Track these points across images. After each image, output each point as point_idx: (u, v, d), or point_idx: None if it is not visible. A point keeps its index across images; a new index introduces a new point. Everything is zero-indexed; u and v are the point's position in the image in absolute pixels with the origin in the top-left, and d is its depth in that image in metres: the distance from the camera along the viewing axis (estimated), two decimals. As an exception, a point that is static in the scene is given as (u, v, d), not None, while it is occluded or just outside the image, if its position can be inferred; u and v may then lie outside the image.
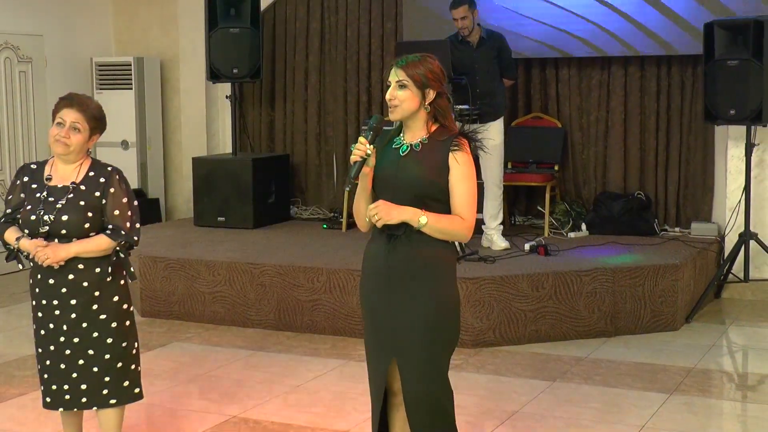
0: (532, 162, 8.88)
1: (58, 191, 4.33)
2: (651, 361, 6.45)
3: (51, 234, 4.27)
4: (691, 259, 7.57)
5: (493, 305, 6.78)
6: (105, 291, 4.38)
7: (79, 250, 4.28)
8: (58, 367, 4.40)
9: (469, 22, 7.76)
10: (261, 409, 5.58)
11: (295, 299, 7.26)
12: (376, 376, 3.90)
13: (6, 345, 7.03)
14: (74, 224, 4.28)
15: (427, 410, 3.82)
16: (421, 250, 3.76)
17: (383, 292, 3.82)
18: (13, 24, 9.49)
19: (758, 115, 7.57)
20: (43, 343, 4.41)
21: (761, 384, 6.19)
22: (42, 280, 4.34)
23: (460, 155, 3.74)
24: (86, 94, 4.54)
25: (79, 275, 4.32)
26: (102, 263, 4.36)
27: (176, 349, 6.85)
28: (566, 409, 5.54)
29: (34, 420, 5.36)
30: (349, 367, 6.38)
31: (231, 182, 9.13)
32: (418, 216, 3.67)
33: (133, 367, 4.51)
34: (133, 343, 4.51)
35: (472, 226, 3.77)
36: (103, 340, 4.38)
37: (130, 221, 4.38)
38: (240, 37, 9.21)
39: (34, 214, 4.28)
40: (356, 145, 3.72)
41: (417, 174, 3.73)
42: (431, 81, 3.76)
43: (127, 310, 4.48)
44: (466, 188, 3.75)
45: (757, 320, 7.54)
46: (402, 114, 3.78)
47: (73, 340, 4.36)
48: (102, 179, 4.37)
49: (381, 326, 3.84)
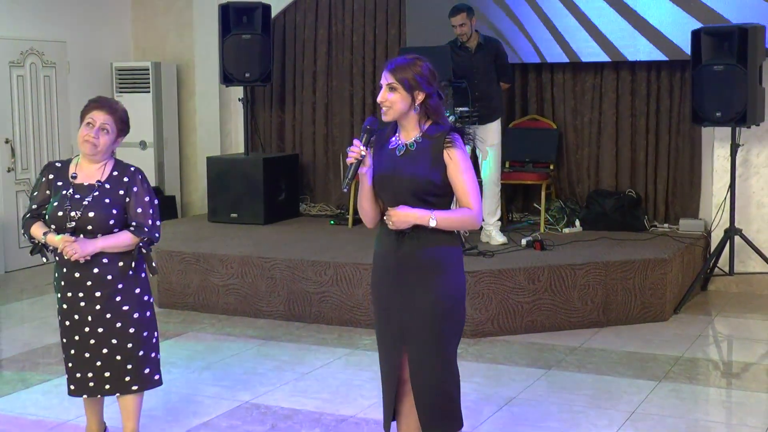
0: (529, 161, 8.87)
1: (84, 189, 4.34)
2: (641, 350, 6.46)
3: (77, 229, 4.29)
4: (679, 253, 7.57)
5: (491, 297, 6.79)
6: (127, 284, 4.40)
7: (104, 245, 4.30)
8: (83, 356, 4.41)
9: (468, 29, 7.76)
10: (271, 396, 5.59)
11: (303, 291, 7.27)
12: (389, 366, 3.90)
13: (31, 334, 7.04)
14: (100, 220, 4.30)
15: (434, 398, 3.83)
16: (428, 245, 3.77)
17: (393, 285, 3.82)
18: (38, 31, 9.50)
19: (743, 117, 7.56)
20: (68, 333, 4.43)
21: (745, 372, 6.19)
22: (68, 274, 4.35)
23: (452, 151, 3.74)
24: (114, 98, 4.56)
25: (103, 269, 4.34)
26: (125, 258, 4.38)
27: (191, 339, 6.87)
28: (560, 396, 5.54)
29: (58, 405, 5.37)
30: (355, 355, 6.39)
31: (243, 180, 9.14)
32: (428, 218, 3.69)
33: (153, 355, 4.53)
34: (153, 332, 4.52)
35: (480, 213, 3.79)
36: (126, 330, 4.40)
37: (151, 218, 4.41)
38: (252, 43, 9.21)
39: (61, 210, 4.29)
40: (350, 147, 3.72)
41: (414, 172, 3.73)
42: (420, 84, 3.77)
43: (148, 302, 4.50)
44: (466, 180, 3.76)
45: (741, 311, 7.53)
46: (393, 116, 3.79)
47: (97, 330, 4.38)
48: (125, 178, 4.39)
49: (392, 318, 3.84)
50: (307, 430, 5.02)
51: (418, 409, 3.85)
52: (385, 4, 9.55)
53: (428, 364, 3.81)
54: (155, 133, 10.22)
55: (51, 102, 9.65)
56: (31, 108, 9.45)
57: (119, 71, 10.28)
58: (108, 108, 4.37)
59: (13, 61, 9.23)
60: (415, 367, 3.82)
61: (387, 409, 3.95)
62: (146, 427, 4.84)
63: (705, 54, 7.67)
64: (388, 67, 3.81)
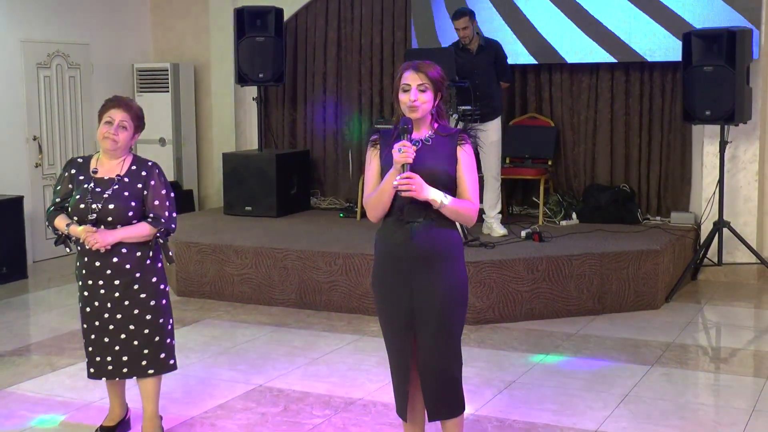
0: (528, 157, 8.86)
1: (104, 182, 4.36)
2: (634, 336, 6.45)
3: (98, 221, 4.31)
4: (670, 245, 7.56)
5: (492, 286, 6.78)
6: (145, 272, 4.41)
7: (123, 236, 4.32)
8: (102, 341, 4.42)
9: (470, 32, 7.75)
10: (284, 379, 5.59)
11: (314, 281, 7.27)
12: (400, 355, 3.87)
13: (57, 321, 7.06)
14: (120, 212, 4.31)
15: (441, 383, 3.83)
16: (438, 237, 3.77)
17: (404, 274, 3.80)
18: (64, 34, 9.50)
19: (731, 115, 7.56)
20: (88, 319, 4.44)
21: (732, 357, 6.18)
22: (89, 263, 4.37)
23: (467, 147, 3.80)
24: (129, 97, 4.57)
25: (122, 258, 4.35)
26: (143, 248, 4.39)
27: (208, 325, 6.87)
28: (558, 380, 5.54)
29: (83, 387, 5.38)
30: (363, 341, 6.39)
31: (257, 175, 9.14)
32: (442, 196, 3.69)
33: (169, 341, 4.54)
34: (168, 319, 4.53)
35: (477, 209, 3.82)
36: (143, 317, 4.41)
37: (168, 210, 4.42)
38: (265, 45, 9.20)
39: (83, 202, 4.31)
40: (403, 148, 3.66)
41: (431, 164, 3.74)
42: (441, 85, 3.79)
43: (164, 290, 4.50)
44: (473, 178, 3.80)
45: (729, 300, 7.52)
46: (422, 113, 3.79)
47: (116, 316, 4.39)
48: (143, 173, 4.41)
49: (399, 306, 3.82)
50: (318, 412, 5.03)
51: (425, 395, 3.84)
52: (392, 9, 9.53)
53: (437, 350, 3.80)
54: (173, 131, 10.23)
55: (76, 101, 9.66)
56: (57, 107, 9.46)
57: (140, 72, 10.28)
58: (125, 106, 4.39)
59: (40, 63, 9.24)
60: (424, 352, 3.81)
61: (401, 396, 3.91)
62: (166, 409, 4.85)
63: (695, 56, 7.66)
64: (415, 68, 3.77)
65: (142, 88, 10.20)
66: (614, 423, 4.83)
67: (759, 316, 7.22)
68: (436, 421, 3.93)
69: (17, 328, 6.92)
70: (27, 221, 8.68)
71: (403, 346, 3.85)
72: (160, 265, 4.49)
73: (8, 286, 8.06)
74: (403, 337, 3.84)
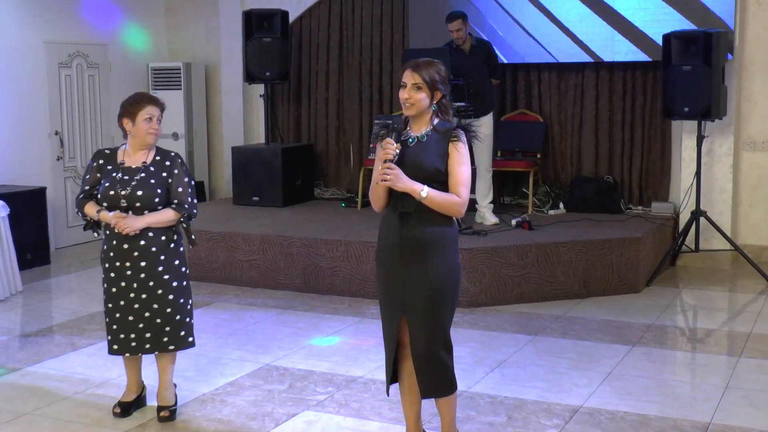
0: (518, 151, 8.84)
1: (131, 171, 4.42)
2: (617, 318, 6.46)
3: (128, 207, 4.37)
4: (651, 233, 7.56)
5: (484, 272, 6.79)
6: (169, 255, 4.45)
7: (151, 221, 4.38)
8: (127, 319, 4.45)
9: (463, 33, 7.74)
10: (289, 358, 5.60)
11: (317, 266, 7.28)
12: (389, 332, 3.89)
13: (78, 303, 7.07)
14: (147, 198, 4.37)
15: (429, 362, 3.82)
16: (430, 226, 3.76)
17: (397, 260, 3.81)
18: (84, 36, 9.48)
19: (707, 111, 7.55)
20: (114, 299, 4.46)
21: (708, 337, 6.19)
22: (117, 246, 4.41)
23: (459, 145, 3.75)
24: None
25: (148, 242, 4.39)
26: (167, 232, 4.45)
27: (218, 308, 6.88)
28: (546, 359, 5.55)
29: (102, 366, 5.39)
30: (364, 323, 6.40)
31: (264, 168, 9.13)
32: (419, 190, 3.67)
33: (188, 320, 4.57)
34: (188, 299, 4.57)
35: (465, 203, 3.77)
36: (166, 297, 4.44)
37: (190, 197, 4.49)
38: (272, 45, 9.18)
39: (113, 190, 4.37)
40: (385, 145, 3.67)
41: (423, 161, 3.73)
42: (439, 84, 3.76)
43: (185, 272, 4.54)
44: (463, 172, 3.75)
45: (705, 284, 7.52)
46: (416, 111, 3.77)
47: (141, 296, 4.42)
48: (167, 162, 4.47)
49: (394, 289, 3.83)
50: (321, 389, 5.04)
51: (417, 374, 3.84)
52: (390, 11, 9.50)
53: (424, 333, 3.80)
54: (186, 126, 10.21)
55: (94, 98, 9.64)
56: (78, 103, 9.44)
57: (154, 71, 10.26)
58: (158, 102, 4.49)
59: (61, 63, 9.22)
60: (413, 335, 3.82)
61: (388, 371, 3.94)
62: (179, 386, 4.86)
63: (674, 56, 7.65)
64: (412, 68, 3.75)
65: (156, 86, 10.18)
66: (598, 399, 4.84)
67: (732, 299, 7.23)
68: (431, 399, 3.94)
69: (41, 310, 6.93)
70: (50, 211, 8.68)
71: (392, 326, 3.87)
72: (182, 249, 4.56)
73: (32, 271, 8.06)
74: (393, 317, 3.85)
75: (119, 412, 4.62)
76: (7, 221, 7.19)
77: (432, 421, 4.32)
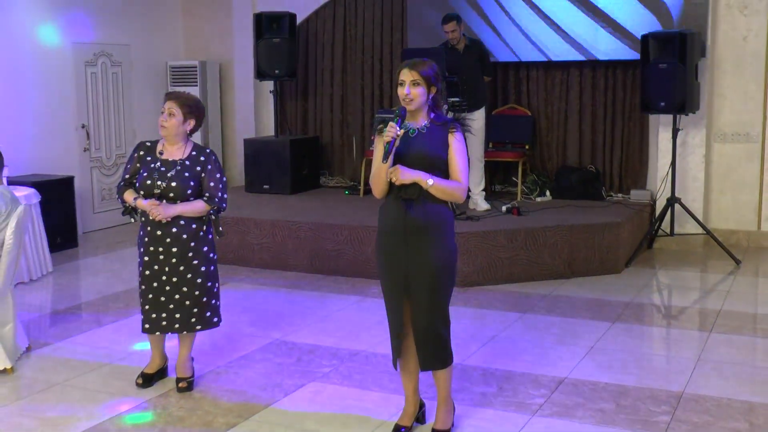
0: (508, 142, 8.83)
1: (169, 164, 4.41)
2: (599, 296, 6.46)
3: (162, 196, 4.36)
4: (630, 218, 7.56)
5: (477, 254, 6.79)
6: (198, 242, 4.45)
7: (182, 210, 4.37)
8: (159, 300, 4.45)
9: (457, 34, 7.70)
10: (297, 334, 5.61)
11: (323, 249, 7.27)
12: (395, 314, 3.88)
13: (104, 283, 7.07)
14: (180, 190, 4.36)
15: (430, 338, 3.83)
16: (431, 212, 3.75)
17: (400, 244, 3.79)
18: (108, 36, 9.45)
19: (682, 106, 7.53)
20: (147, 281, 4.46)
21: (681, 314, 6.20)
22: (151, 232, 4.41)
23: (457, 135, 3.76)
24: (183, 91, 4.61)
25: (180, 229, 4.39)
26: (198, 221, 4.44)
27: (232, 288, 6.87)
28: (533, 335, 5.55)
29: (126, 341, 5.40)
30: (366, 302, 6.40)
31: (273, 158, 9.11)
32: (427, 178, 3.67)
33: (214, 302, 4.57)
34: (215, 283, 4.57)
35: (466, 189, 3.79)
36: (195, 280, 4.44)
37: (221, 191, 4.49)
38: (280, 45, 9.15)
39: (150, 180, 4.37)
40: (387, 129, 3.67)
41: (426, 150, 3.72)
42: (434, 80, 3.76)
43: (213, 258, 4.54)
44: (462, 160, 3.76)
45: (679, 266, 7.53)
46: (416, 106, 3.76)
47: (172, 279, 4.42)
48: (202, 158, 4.46)
49: (397, 272, 3.82)
50: (326, 362, 5.04)
51: (417, 349, 3.85)
52: (390, 14, 9.46)
53: (426, 310, 3.80)
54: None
55: (118, 94, 9.61)
56: (102, 99, 9.41)
57: (172, 68, 10.22)
58: (174, 96, 4.46)
59: (87, 61, 9.19)
60: (416, 312, 3.81)
61: (395, 349, 3.93)
62: (196, 360, 4.87)
63: (652, 54, 7.63)
64: (409, 66, 3.73)
65: (174, 82, 10.14)
66: (581, 371, 4.85)
67: (704, 279, 7.22)
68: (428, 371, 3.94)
69: (69, 289, 6.93)
70: (77, 198, 8.66)
71: (398, 306, 3.86)
72: (210, 237, 4.55)
73: (62, 253, 8.06)
74: (399, 298, 3.84)
75: (141, 382, 4.63)
76: (39, 207, 7.19)
77: (428, 392, 4.33)
